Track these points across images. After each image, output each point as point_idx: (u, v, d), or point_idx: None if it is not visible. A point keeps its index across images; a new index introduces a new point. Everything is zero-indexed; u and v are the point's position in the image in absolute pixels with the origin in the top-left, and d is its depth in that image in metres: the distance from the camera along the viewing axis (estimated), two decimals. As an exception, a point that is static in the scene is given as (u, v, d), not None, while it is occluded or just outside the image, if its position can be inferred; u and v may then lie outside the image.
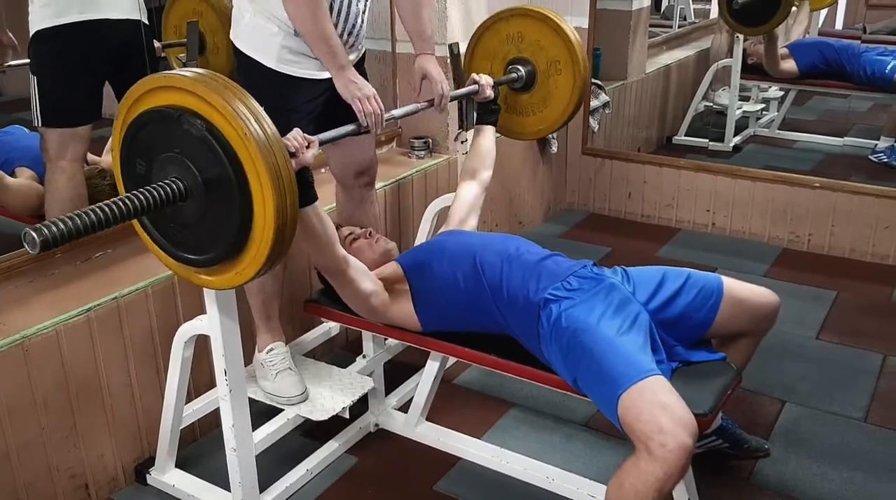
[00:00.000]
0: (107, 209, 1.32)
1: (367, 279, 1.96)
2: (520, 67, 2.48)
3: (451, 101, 2.34)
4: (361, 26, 2.23)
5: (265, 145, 1.34)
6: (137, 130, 1.45)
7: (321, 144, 1.75)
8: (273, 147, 1.36)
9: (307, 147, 1.67)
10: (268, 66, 2.10)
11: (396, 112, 2.08)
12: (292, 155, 1.61)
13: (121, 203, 1.34)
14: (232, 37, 2.20)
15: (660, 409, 1.58)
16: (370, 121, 2.04)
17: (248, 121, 1.34)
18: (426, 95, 2.30)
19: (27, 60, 2.41)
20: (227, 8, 2.92)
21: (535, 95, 2.50)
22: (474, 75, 2.37)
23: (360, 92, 2.05)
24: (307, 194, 1.69)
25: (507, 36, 2.48)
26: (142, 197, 1.36)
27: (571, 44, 2.40)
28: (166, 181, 1.40)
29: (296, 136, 1.66)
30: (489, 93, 2.36)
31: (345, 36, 2.17)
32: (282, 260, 1.49)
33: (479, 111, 2.42)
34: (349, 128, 1.92)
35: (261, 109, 1.40)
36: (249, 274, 1.45)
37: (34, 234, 1.25)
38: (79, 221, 1.30)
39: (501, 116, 2.48)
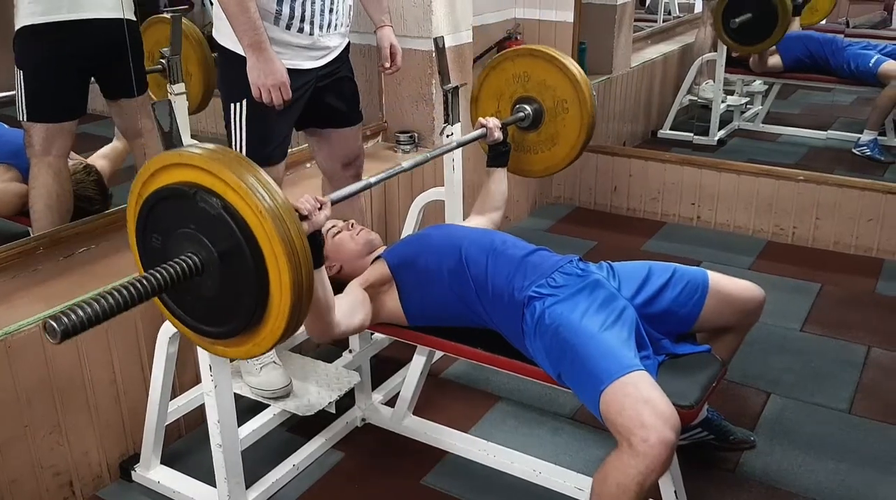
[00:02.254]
0: (125, 292, 1.31)
1: (355, 317, 1.92)
2: (526, 106, 2.48)
3: (459, 146, 2.34)
4: (341, 4, 2.21)
5: (279, 219, 1.34)
6: (153, 207, 1.46)
7: (333, 202, 1.72)
8: (286, 220, 1.36)
9: (319, 208, 1.65)
10: None
11: (406, 164, 2.08)
12: (305, 218, 1.60)
13: (138, 284, 1.33)
14: (214, 34, 2.19)
15: (642, 404, 1.58)
16: (266, 101, 2.07)
17: (261, 196, 1.34)
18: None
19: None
20: (199, 36, 2.99)
21: (543, 133, 2.51)
22: (481, 119, 2.36)
23: (262, 79, 2.04)
24: (317, 258, 1.65)
25: (513, 75, 2.49)
26: (159, 276, 1.36)
27: (578, 83, 2.40)
28: (182, 257, 1.40)
29: (308, 199, 1.64)
30: (497, 135, 2.34)
31: (326, 14, 2.16)
32: (298, 329, 1.49)
33: (490, 154, 2.41)
34: (360, 185, 1.89)
35: (272, 182, 1.38)
36: (268, 345, 1.46)
37: (54, 323, 1.23)
38: (97, 307, 1.27)
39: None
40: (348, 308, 1.90)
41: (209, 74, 3.00)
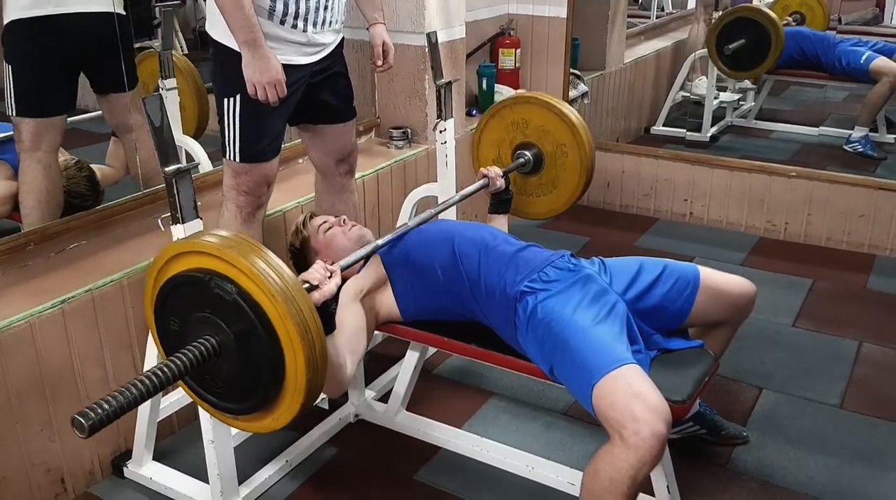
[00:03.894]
0: (147, 382, 1.34)
1: (358, 350, 1.90)
2: (526, 152, 2.52)
3: (463, 199, 2.34)
4: (336, 1, 2.20)
5: (291, 301, 1.38)
6: (169, 293, 1.50)
7: (343, 269, 1.73)
8: (298, 301, 1.39)
9: (329, 277, 1.65)
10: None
11: (412, 222, 2.09)
12: (315, 288, 1.61)
13: (160, 372, 1.37)
14: (207, 29, 2.18)
15: (633, 397, 1.59)
16: (261, 98, 2.07)
17: (272, 280, 1.37)
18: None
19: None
20: (191, 68, 3.02)
21: (545, 177, 2.55)
22: (482, 169, 2.38)
23: (257, 76, 2.04)
24: (329, 326, 1.65)
25: (511, 122, 2.54)
26: (179, 362, 1.39)
27: (575, 127, 2.45)
28: (200, 341, 1.43)
29: (318, 268, 1.65)
30: (500, 183, 2.36)
31: (320, 11, 2.15)
32: (316, 400, 1.52)
33: (492, 201, 2.43)
34: (368, 249, 1.91)
35: (282, 265, 1.40)
36: (287, 418, 1.49)
37: (82, 420, 1.26)
38: (122, 399, 1.30)
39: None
40: (353, 342, 1.88)
41: (203, 107, 3.04)
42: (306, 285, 1.60)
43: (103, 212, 2.44)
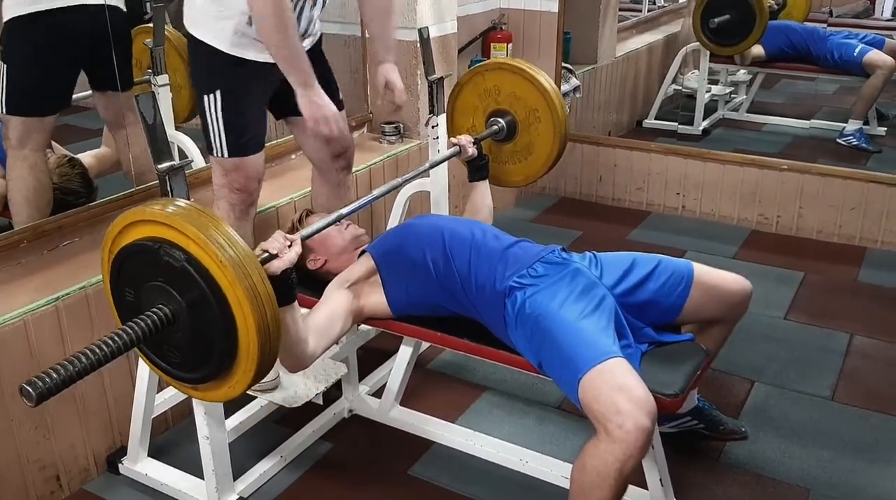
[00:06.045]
0: (98, 351, 1.34)
1: (332, 331, 1.91)
2: (500, 119, 2.52)
3: (432, 167, 2.35)
4: (310, 11, 2.19)
5: (240, 267, 1.39)
6: (122, 263, 1.51)
7: (303, 239, 1.73)
8: (248, 268, 1.40)
9: (289, 246, 1.65)
10: (222, 49, 2.06)
11: (377, 191, 2.09)
12: (275, 257, 1.61)
13: (111, 341, 1.37)
14: (185, 23, 2.16)
15: (618, 390, 1.59)
16: (324, 135, 2.08)
17: (221, 247, 1.38)
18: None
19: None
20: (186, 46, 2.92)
21: (519, 143, 2.55)
22: (452, 138, 2.39)
23: (319, 112, 2.05)
24: (287, 295, 1.67)
25: (484, 90, 2.54)
26: (130, 331, 1.40)
27: (547, 92, 2.45)
28: (153, 310, 1.44)
29: (277, 238, 1.65)
30: (471, 151, 2.36)
31: (301, 22, 2.14)
32: (271, 368, 1.53)
33: (469, 169, 2.43)
34: (332, 217, 1.91)
35: (232, 232, 1.41)
36: (243, 386, 1.50)
37: (30, 388, 1.25)
38: (72, 369, 1.30)
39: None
40: (325, 324, 1.89)
41: None
42: (265, 253, 1.61)
43: (96, 209, 2.43)
